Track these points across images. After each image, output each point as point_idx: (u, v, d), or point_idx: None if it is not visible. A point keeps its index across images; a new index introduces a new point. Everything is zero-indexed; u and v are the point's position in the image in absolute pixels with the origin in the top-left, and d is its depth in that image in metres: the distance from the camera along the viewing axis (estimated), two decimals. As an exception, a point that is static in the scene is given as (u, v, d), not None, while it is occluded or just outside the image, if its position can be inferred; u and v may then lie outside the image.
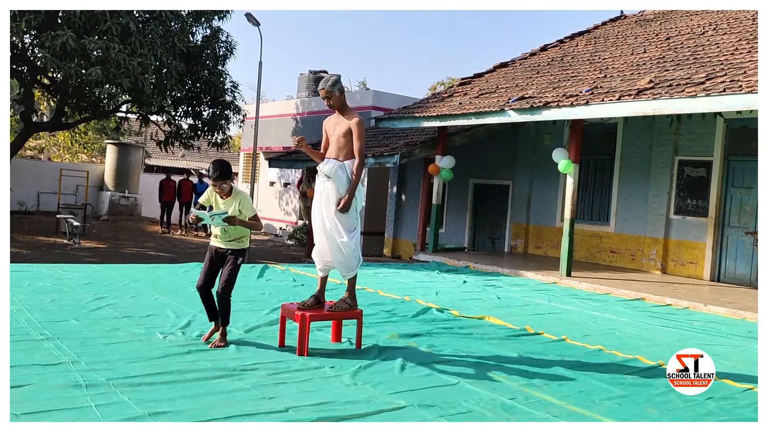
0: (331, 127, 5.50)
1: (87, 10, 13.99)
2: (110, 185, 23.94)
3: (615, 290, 9.66)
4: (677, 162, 11.91)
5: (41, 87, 18.54)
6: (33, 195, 22.69)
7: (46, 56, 13.94)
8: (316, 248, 5.53)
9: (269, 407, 3.93)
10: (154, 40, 15.01)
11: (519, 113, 10.86)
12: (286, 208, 22.15)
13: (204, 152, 31.49)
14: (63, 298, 6.74)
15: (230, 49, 18.61)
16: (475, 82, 14.34)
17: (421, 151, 13.84)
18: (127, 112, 19.78)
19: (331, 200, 5.32)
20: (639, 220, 12.41)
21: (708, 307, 8.62)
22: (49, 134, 27.94)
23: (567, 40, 15.64)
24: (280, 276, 9.46)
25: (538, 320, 7.21)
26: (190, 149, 20.56)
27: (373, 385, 4.48)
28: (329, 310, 5.43)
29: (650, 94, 9.13)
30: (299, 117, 21.48)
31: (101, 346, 5.01)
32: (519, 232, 14.63)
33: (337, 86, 5.37)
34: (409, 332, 6.12)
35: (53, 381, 4.14)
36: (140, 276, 8.54)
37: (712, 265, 11.34)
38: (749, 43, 10.29)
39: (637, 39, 13.40)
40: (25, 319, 5.71)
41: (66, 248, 15.26)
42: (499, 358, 5.45)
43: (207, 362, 4.76)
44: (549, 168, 12.66)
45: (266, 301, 7.31)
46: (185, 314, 6.31)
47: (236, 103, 19.05)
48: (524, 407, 4.22)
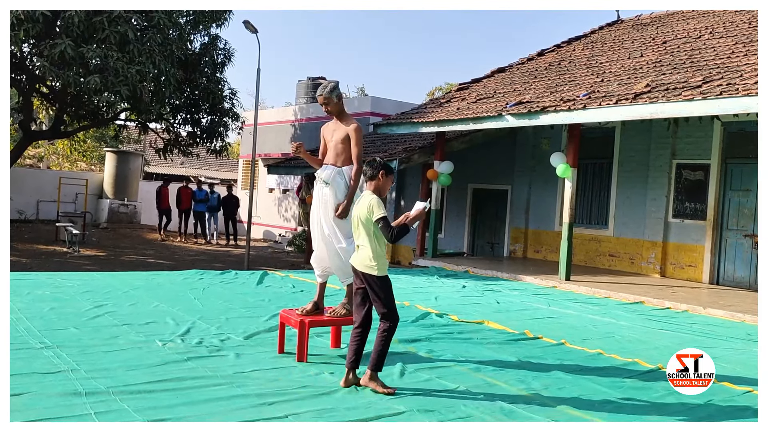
0: (329, 133, 5.53)
1: (86, 18, 14.01)
2: (109, 193, 23.94)
3: (614, 294, 9.67)
4: (675, 165, 11.93)
5: (40, 96, 18.55)
6: (32, 203, 22.68)
7: (44, 65, 13.97)
8: (314, 254, 5.54)
9: (269, 414, 3.94)
10: (153, 48, 15.04)
11: (517, 118, 10.89)
12: (285, 214, 22.16)
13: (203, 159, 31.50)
14: (62, 306, 6.75)
15: (228, 57, 18.66)
16: (472, 87, 14.37)
17: (419, 157, 13.87)
18: (125, 120, 19.79)
19: (330, 206, 5.34)
20: (637, 224, 12.42)
21: (707, 310, 8.63)
22: (48, 143, 27.96)
23: (564, 44, 15.68)
24: (279, 282, 9.46)
25: (537, 324, 7.21)
26: (189, 156, 20.56)
27: (372, 391, 4.49)
28: (328, 316, 5.43)
29: (647, 98, 9.15)
30: (298, 123, 21.51)
31: (101, 354, 5.01)
32: (518, 236, 14.64)
33: (335, 92, 5.40)
34: (408, 337, 6.12)
35: (53, 389, 4.14)
36: (140, 284, 8.55)
37: (710, 268, 11.34)
38: (745, 47, 10.33)
39: (634, 43, 13.45)
40: (24, 327, 5.71)
41: (65, 256, 15.25)
42: (498, 362, 5.45)
43: (206, 369, 4.76)
44: (547, 172, 12.68)
45: (265, 308, 7.31)
46: (184, 322, 6.31)
47: (235, 110, 19.07)
48: (524, 411, 4.23)
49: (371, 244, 4.61)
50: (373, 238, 4.61)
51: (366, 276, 4.58)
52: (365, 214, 4.59)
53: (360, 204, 4.71)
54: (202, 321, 6.39)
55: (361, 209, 4.65)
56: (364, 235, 4.64)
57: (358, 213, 4.68)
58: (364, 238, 4.64)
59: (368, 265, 4.58)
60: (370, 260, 4.58)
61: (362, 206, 4.65)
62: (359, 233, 4.68)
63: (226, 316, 6.71)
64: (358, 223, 4.68)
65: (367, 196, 4.68)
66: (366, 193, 4.73)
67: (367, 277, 4.58)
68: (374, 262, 4.57)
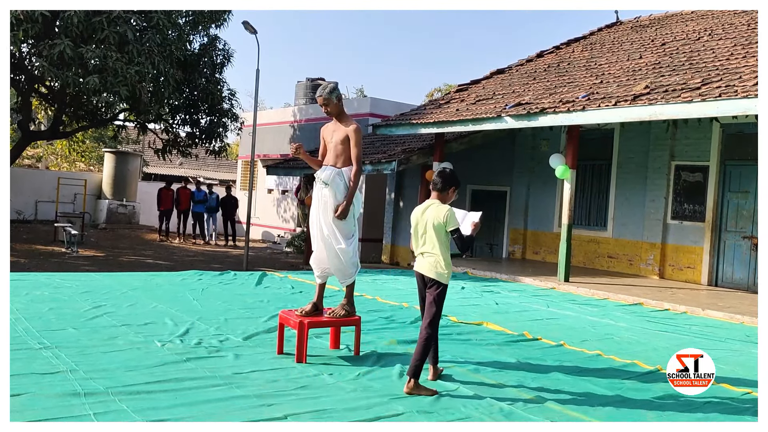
0: (328, 134, 5.53)
1: (85, 18, 14.00)
2: (108, 194, 23.91)
3: (613, 295, 9.67)
4: (674, 167, 11.94)
5: (39, 96, 18.54)
6: (31, 204, 22.67)
7: (43, 65, 13.96)
8: (314, 255, 5.54)
9: (268, 414, 3.94)
10: (152, 48, 15.03)
11: (516, 119, 10.89)
12: (284, 215, 22.15)
13: (202, 160, 31.49)
14: (61, 307, 6.74)
15: (227, 57, 18.65)
16: (471, 88, 14.38)
17: (418, 158, 13.87)
18: (124, 121, 19.78)
19: (329, 207, 5.34)
20: (636, 226, 12.43)
21: (706, 312, 8.63)
22: (47, 143, 27.93)
23: (563, 46, 15.70)
24: (278, 283, 9.46)
25: (536, 326, 7.21)
26: (188, 157, 20.55)
27: (371, 392, 4.49)
28: (328, 317, 5.43)
29: (646, 100, 9.16)
30: (297, 124, 21.51)
31: (99, 355, 5.01)
32: (517, 237, 14.65)
33: (334, 93, 5.40)
34: (407, 339, 6.12)
35: (51, 390, 4.14)
36: (138, 284, 8.54)
37: (709, 269, 11.35)
38: (744, 49, 10.35)
39: (633, 45, 13.46)
40: (23, 327, 5.70)
41: (64, 257, 15.24)
42: (497, 363, 5.45)
43: (205, 370, 4.76)
44: (546, 174, 12.68)
45: (264, 309, 7.31)
46: (183, 322, 6.31)
47: (234, 110, 19.07)
48: (522, 413, 4.23)
49: (443, 252, 4.72)
50: (444, 246, 4.73)
51: (434, 282, 4.70)
52: (440, 223, 4.69)
53: (432, 212, 4.77)
54: (201, 322, 6.39)
55: (435, 217, 4.72)
56: (434, 243, 4.73)
57: (429, 220, 4.75)
58: (434, 246, 4.73)
59: (440, 273, 4.70)
60: (443, 268, 4.71)
61: (436, 215, 4.73)
62: (426, 240, 4.77)
63: (225, 317, 6.70)
64: (425, 230, 4.77)
65: (440, 206, 4.78)
66: (437, 202, 4.82)
67: (435, 283, 4.70)
68: (446, 270, 4.72)
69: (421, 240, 4.82)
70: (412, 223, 4.91)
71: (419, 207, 4.94)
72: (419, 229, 4.83)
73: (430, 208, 4.80)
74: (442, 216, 4.70)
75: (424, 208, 4.86)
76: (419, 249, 4.84)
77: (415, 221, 4.87)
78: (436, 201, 4.84)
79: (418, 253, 4.85)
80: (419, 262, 4.85)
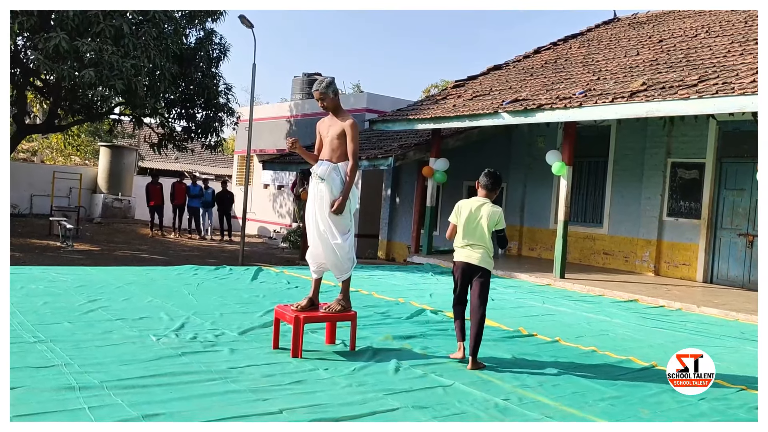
0: (324, 128, 5.51)
1: (80, 11, 13.94)
2: (103, 188, 23.85)
3: (608, 292, 9.69)
4: (670, 164, 11.95)
5: (34, 89, 18.46)
6: (26, 198, 22.60)
7: (39, 58, 13.90)
8: (310, 250, 5.53)
9: (263, 409, 3.93)
10: (148, 42, 14.97)
11: (512, 115, 10.89)
12: (280, 210, 22.13)
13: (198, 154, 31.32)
14: (56, 301, 6.72)
15: (224, 52, 18.59)
16: (468, 84, 14.37)
17: (415, 154, 13.86)
18: (120, 115, 19.70)
19: (325, 202, 5.32)
20: (632, 222, 12.45)
21: (701, 309, 8.66)
22: (42, 137, 27.84)
23: (560, 42, 15.69)
24: (274, 278, 9.44)
25: (531, 322, 7.22)
26: (184, 152, 20.49)
27: (367, 387, 4.48)
28: (323, 312, 5.42)
29: (643, 97, 9.16)
30: (293, 119, 21.47)
31: (94, 349, 4.99)
32: (513, 234, 14.64)
33: (331, 88, 5.39)
34: (403, 334, 6.12)
35: (46, 383, 4.12)
36: (133, 279, 8.52)
37: (704, 266, 11.38)
38: (741, 46, 10.35)
39: (630, 42, 13.46)
40: (17, 321, 5.68)
41: (59, 251, 15.20)
42: (492, 359, 5.45)
43: (200, 364, 4.75)
44: (542, 170, 12.69)
45: (260, 303, 7.30)
46: (178, 317, 6.30)
47: (230, 105, 19.02)
48: (518, 408, 4.23)
49: (491, 246, 5.31)
50: (491, 241, 5.31)
51: (485, 271, 5.28)
52: (493, 222, 5.25)
53: (487, 210, 5.28)
54: (196, 316, 6.38)
55: (490, 216, 5.25)
56: (485, 237, 5.27)
57: (483, 216, 5.24)
58: (484, 240, 5.27)
59: (489, 263, 5.30)
60: (491, 259, 5.32)
61: (490, 214, 5.26)
62: (477, 234, 5.26)
63: (221, 312, 6.69)
64: (477, 224, 5.26)
65: (494, 207, 5.32)
66: (488, 201, 5.35)
67: (485, 272, 5.28)
68: (492, 261, 5.36)
69: (470, 233, 5.28)
70: (460, 215, 5.35)
71: (469, 202, 5.40)
72: (471, 222, 5.28)
73: (485, 206, 5.30)
74: (496, 216, 5.26)
75: (478, 204, 5.32)
76: (467, 241, 5.29)
77: (466, 214, 5.30)
78: (486, 199, 5.36)
79: (465, 244, 5.30)
80: (466, 252, 5.30)
